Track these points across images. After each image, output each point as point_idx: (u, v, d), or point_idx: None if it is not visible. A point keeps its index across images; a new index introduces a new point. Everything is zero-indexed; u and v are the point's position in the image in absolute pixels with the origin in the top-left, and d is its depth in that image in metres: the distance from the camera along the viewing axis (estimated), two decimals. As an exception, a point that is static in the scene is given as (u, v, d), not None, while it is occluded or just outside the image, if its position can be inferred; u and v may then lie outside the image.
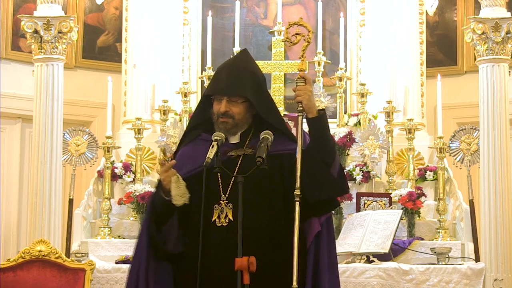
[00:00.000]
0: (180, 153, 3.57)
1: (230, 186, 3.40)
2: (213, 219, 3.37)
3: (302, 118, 3.43)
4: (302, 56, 3.51)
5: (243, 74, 3.51)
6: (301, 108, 3.41)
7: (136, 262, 3.51)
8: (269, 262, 3.32)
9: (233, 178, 3.37)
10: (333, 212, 6.14)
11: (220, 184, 3.42)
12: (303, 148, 3.36)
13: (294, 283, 3.17)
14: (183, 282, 3.43)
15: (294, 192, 3.27)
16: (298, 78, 3.43)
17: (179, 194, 3.37)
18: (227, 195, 3.39)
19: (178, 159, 3.48)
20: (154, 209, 3.47)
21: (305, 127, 3.46)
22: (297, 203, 3.27)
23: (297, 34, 3.56)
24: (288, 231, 3.30)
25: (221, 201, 3.39)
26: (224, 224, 3.36)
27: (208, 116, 3.54)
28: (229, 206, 3.37)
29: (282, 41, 3.67)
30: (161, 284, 3.46)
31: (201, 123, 3.58)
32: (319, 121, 3.40)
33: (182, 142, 3.62)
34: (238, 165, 3.44)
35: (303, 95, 3.40)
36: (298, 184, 3.28)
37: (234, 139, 3.52)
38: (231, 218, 3.35)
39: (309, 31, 3.54)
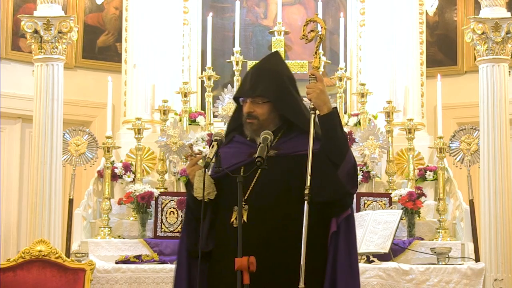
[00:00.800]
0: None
1: (250, 188, 3.42)
2: (232, 220, 3.41)
3: (314, 116, 3.42)
4: (316, 53, 3.52)
5: (267, 75, 3.53)
6: (313, 106, 3.42)
7: (180, 256, 3.59)
8: (280, 262, 3.34)
9: (254, 180, 3.41)
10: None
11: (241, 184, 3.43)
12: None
13: (301, 283, 3.19)
14: (209, 281, 3.49)
15: (304, 192, 3.28)
16: (310, 75, 3.46)
17: (199, 186, 3.41)
18: (246, 197, 3.41)
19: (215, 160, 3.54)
20: (191, 210, 3.55)
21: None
22: (306, 202, 3.28)
23: (312, 31, 3.56)
24: (299, 232, 3.30)
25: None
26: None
27: (241, 120, 3.59)
28: (245, 207, 3.39)
29: (300, 38, 3.65)
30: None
31: (237, 126, 3.61)
32: (327, 119, 3.40)
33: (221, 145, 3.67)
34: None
35: (311, 92, 3.41)
36: (308, 183, 3.29)
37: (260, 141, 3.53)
38: (245, 219, 3.37)
39: (322, 28, 3.54)
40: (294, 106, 3.54)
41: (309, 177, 3.30)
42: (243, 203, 3.39)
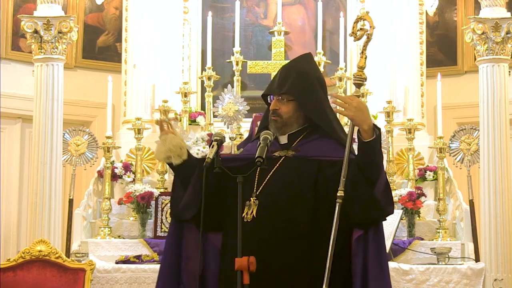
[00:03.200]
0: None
1: (263, 184, 3.43)
2: (243, 214, 3.40)
3: (352, 129, 3.34)
4: (362, 52, 3.49)
5: (294, 74, 3.53)
6: (358, 94, 3.38)
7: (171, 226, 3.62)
8: (283, 263, 3.34)
9: (268, 176, 3.42)
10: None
11: (256, 181, 3.45)
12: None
13: (324, 287, 3.17)
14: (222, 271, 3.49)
15: (337, 193, 3.25)
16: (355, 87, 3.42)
17: (160, 150, 3.50)
18: (258, 192, 3.42)
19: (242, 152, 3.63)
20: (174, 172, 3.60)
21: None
22: (337, 204, 3.25)
23: (361, 29, 3.55)
24: (309, 236, 3.32)
25: (251, 198, 3.42)
26: (248, 220, 3.38)
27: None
28: (256, 203, 3.40)
29: (350, 35, 3.62)
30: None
31: (268, 124, 3.59)
32: (371, 147, 3.28)
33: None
34: (276, 165, 3.46)
35: (347, 109, 3.29)
36: (341, 185, 3.25)
37: (283, 140, 3.53)
38: (254, 214, 3.38)
39: (371, 27, 3.53)
40: (318, 107, 3.52)
41: (342, 179, 3.25)
42: (254, 198, 3.40)
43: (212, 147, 3.35)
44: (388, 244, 5.85)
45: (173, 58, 7.02)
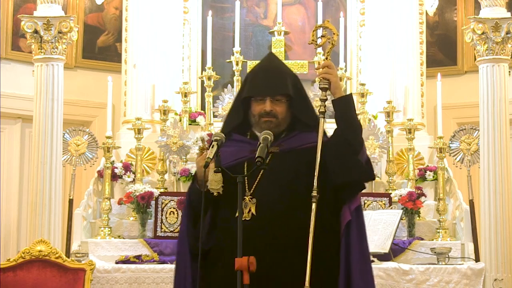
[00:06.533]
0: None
1: (255, 182, 3.44)
2: (237, 214, 3.38)
3: (325, 96, 3.45)
4: (326, 58, 3.54)
5: (282, 74, 3.58)
6: (324, 98, 3.47)
7: (182, 257, 3.58)
8: (287, 257, 3.36)
9: (260, 173, 3.43)
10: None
11: (246, 180, 3.44)
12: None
13: (307, 284, 3.21)
14: (211, 276, 3.47)
15: (312, 193, 3.31)
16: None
17: (215, 180, 3.41)
18: (251, 191, 3.43)
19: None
20: (190, 205, 3.54)
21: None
22: (314, 204, 3.30)
23: (322, 36, 3.58)
24: (308, 227, 3.34)
25: (245, 196, 3.43)
26: (247, 219, 3.39)
27: (240, 120, 3.59)
28: (252, 201, 3.41)
29: (309, 43, 3.66)
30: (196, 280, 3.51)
31: (235, 126, 3.61)
32: (345, 101, 3.48)
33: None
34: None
35: (332, 72, 3.47)
36: (315, 185, 3.32)
37: None
38: (253, 212, 3.39)
39: (334, 34, 3.57)
40: (306, 105, 3.61)
41: (316, 179, 3.31)
42: (250, 196, 3.42)
43: (212, 147, 3.35)
44: (388, 244, 5.86)
45: (173, 58, 7.02)
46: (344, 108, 3.46)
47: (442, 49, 8.15)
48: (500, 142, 6.11)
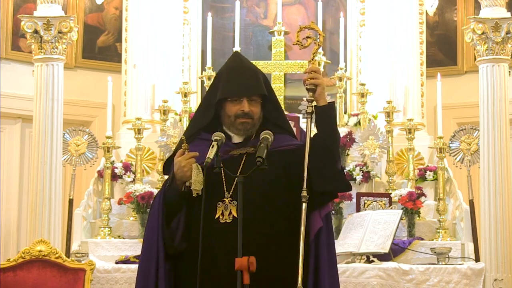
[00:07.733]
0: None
1: (234, 184, 3.39)
2: (217, 216, 3.38)
3: (312, 97, 3.45)
4: (312, 59, 3.52)
5: (256, 74, 3.56)
6: (312, 99, 3.45)
7: (145, 261, 3.55)
8: (271, 260, 3.34)
9: (237, 175, 3.36)
10: (333, 211, 6.16)
11: (224, 181, 3.42)
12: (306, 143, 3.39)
13: (299, 284, 3.19)
14: (186, 279, 3.43)
15: (301, 194, 3.28)
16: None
17: (199, 180, 3.37)
18: (231, 193, 3.39)
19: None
20: (165, 205, 3.46)
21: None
22: (304, 204, 3.29)
23: (308, 37, 3.56)
24: (290, 229, 3.34)
25: (225, 199, 3.39)
26: (228, 221, 3.36)
27: (209, 120, 3.54)
28: (233, 203, 3.37)
29: (294, 44, 3.65)
30: (170, 281, 3.48)
31: (203, 127, 3.57)
32: (331, 109, 3.46)
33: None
34: (241, 164, 3.45)
35: (319, 77, 3.45)
36: (305, 185, 3.30)
37: (238, 139, 3.53)
38: (235, 214, 3.35)
39: (320, 35, 3.55)
40: (276, 105, 3.61)
41: (305, 181, 3.30)
42: (230, 198, 3.38)
43: (212, 147, 3.34)
44: (388, 244, 5.86)
45: (173, 58, 7.02)
46: (327, 116, 3.45)
47: (442, 49, 8.15)
48: (500, 142, 6.11)
